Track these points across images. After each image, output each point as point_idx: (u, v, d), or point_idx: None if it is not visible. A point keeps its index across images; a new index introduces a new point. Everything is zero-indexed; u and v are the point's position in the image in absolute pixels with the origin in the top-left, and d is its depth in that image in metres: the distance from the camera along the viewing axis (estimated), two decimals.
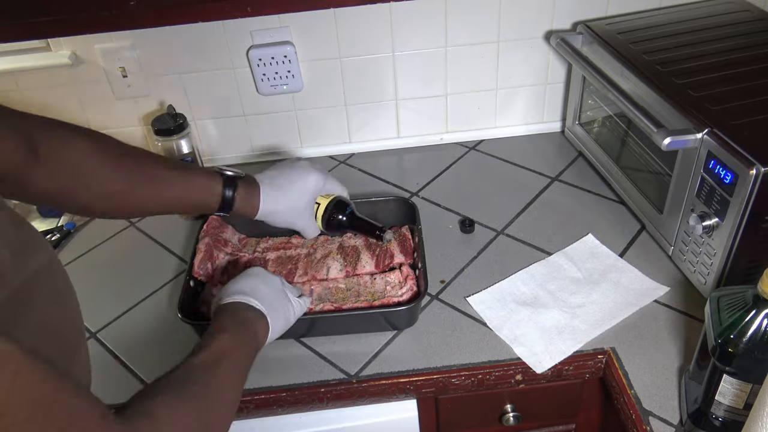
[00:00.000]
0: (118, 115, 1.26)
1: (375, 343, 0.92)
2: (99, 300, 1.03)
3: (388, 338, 0.93)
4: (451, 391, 0.90)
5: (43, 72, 1.19)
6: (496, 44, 1.23)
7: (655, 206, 1.01)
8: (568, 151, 1.29)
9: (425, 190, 1.23)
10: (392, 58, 1.23)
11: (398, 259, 0.99)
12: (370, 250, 1.02)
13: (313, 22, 1.17)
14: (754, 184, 0.77)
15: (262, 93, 1.25)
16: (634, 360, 0.85)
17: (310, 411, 0.90)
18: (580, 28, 1.17)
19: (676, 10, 1.16)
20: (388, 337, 0.93)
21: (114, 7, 0.92)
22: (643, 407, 0.80)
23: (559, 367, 0.87)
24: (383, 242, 0.97)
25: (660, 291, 0.95)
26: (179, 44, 1.18)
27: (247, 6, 0.95)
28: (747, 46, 1.01)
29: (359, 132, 1.33)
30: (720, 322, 0.66)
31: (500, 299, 0.96)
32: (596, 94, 1.18)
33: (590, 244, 1.05)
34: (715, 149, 0.82)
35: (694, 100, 0.90)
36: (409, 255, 1.00)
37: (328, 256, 1.02)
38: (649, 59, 1.01)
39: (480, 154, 1.31)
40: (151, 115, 1.26)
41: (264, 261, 1.02)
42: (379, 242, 1.01)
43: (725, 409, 0.69)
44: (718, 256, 0.85)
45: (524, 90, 1.30)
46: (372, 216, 1.07)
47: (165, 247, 1.14)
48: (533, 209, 1.15)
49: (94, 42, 1.16)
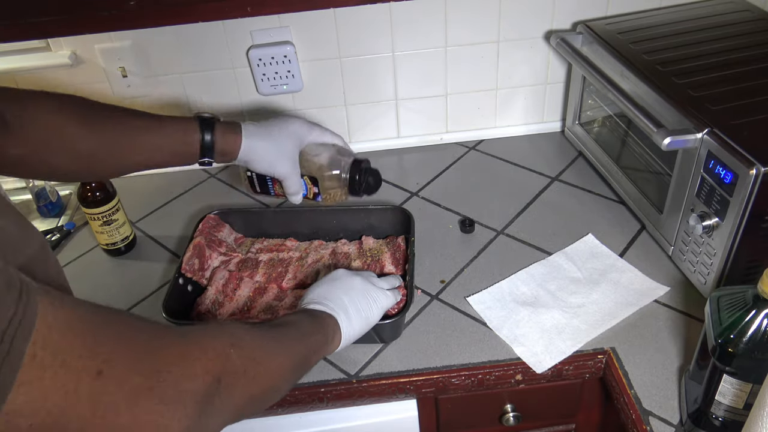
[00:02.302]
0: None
1: (374, 343, 0.92)
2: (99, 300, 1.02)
3: None
4: (451, 391, 0.90)
5: (43, 72, 1.19)
6: (496, 44, 1.23)
7: (655, 206, 1.01)
8: (568, 151, 1.29)
9: (425, 190, 1.23)
10: (392, 58, 1.23)
11: (389, 270, 0.99)
12: (362, 258, 1.02)
13: (313, 22, 1.17)
14: (754, 184, 0.77)
15: (262, 93, 1.25)
16: (634, 360, 0.85)
17: (310, 411, 0.90)
18: (580, 28, 1.17)
19: (676, 10, 1.16)
20: None
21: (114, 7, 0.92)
22: (643, 407, 0.80)
23: (559, 367, 0.87)
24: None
25: (660, 291, 0.95)
26: (179, 44, 1.18)
27: (247, 6, 0.95)
28: (747, 46, 1.01)
29: (359, 132, 1.33)
30: (720, 322, 0.66)
31: (500, 299, 0.96)
32: (596, 94, 1.18)
33: (590, 244, 1.05)
34: (715, 149, 0.82)
35: (694, 100, 0.90)
36: (400, 267, 1.00)
37: (319, 261, 1.02)
38: (649, 59, 1.01)
39: (480, 154, 1.31)
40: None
41: (256, 262, 1.02)
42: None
43: (725, 409, 0.69)
44: (718, 256, 0.85)
45: (524, 90, 1.30)
46: (368, 225, 1.08)
47: (165, 247, 1.14)
48: (533, 209, 1.15)
49: (94, 42, 1.16)
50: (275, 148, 0.90)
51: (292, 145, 0.92)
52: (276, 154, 0.90)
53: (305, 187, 0.96)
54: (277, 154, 0.90)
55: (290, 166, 0.92)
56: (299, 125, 0.93)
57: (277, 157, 0.90)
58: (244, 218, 1.10)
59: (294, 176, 0.93)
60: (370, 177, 0.98)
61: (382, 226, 1.08)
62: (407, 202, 1.19)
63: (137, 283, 1.06)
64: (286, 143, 0.91)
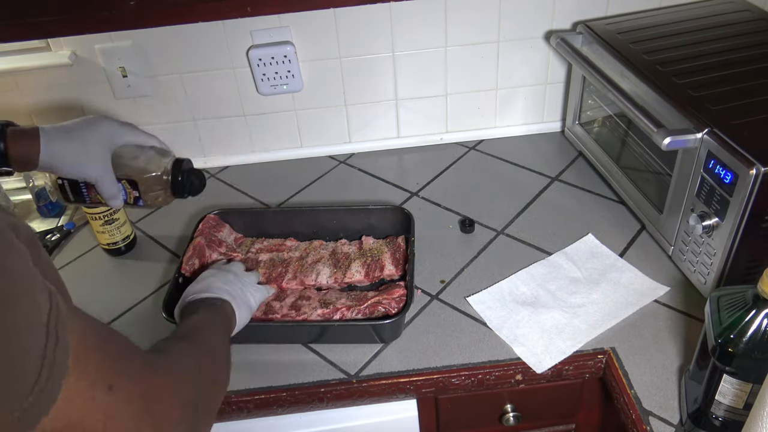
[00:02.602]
0: (118, 115, 1.26)
1: (375, 343, 0.92)
2: (99, 300, 1.03)
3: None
4: (451, 391, 0.90)
5: (43, 72, 1.19)
6: (496, 44, 1.23)
7: (655, 206, 1.01)
8: (568, 151, 1.29)
9: (425, 190, 1.23)
10: (392, 58, 1.23)
11: (388, 270, 0.99)
12: (362, 258, 1.02)
13: (313, 22, 1.17)
14: (754, 184, 0.77)
15: (262, 93, 1.25)
16: (634, 360, 0.85)
17: (310, 411, 0.90)
18: (580, 28, 1.17)
19: (676, 10, 1.16)
20: None
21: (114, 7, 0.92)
22: (643, 407, 0.80)
23: (559, 367, 0.87)
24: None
25: (660, 291, 0.95)
26: (179, 44, 1.18)
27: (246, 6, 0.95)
28: (747, 46, 1.01)
29: (359, 132, 1.33)
30: (720, 322, 0.66)
31: (500, 299, 0.96)
32: (596, 94, 1.18)
33: (590, 244, 1.05)
34: (715, 149, 0.82)
35: (694, 100, 0.90)
36: (399, 267, 1.00)
37: (318, 261, 1.02)
38: (649, 59, 1.01)
39: (480, 154, 1.31)
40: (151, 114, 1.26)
41: (256, 262, 1.02)
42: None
43: (725, 409, 0.69)
44: (718, 256, 0.85)
45: (524, 90, 1.30)
46: (367, 225, 1.08)
47: (165, 247, 1.14)
48: (533, 209, 1.15)
49: (94, 42, 1.16)
50: (81, 150, 0.82)
51: (100, 146, 0.84)
52: (82, 156, 0.82)
53: (124, 192, 0.88)
54: (84, 156, 0.82)
55: (101, 167, 0.84)
56: (107, 125, 0.86)
57: (84, 159, 0.83)
58: (244, 218, 1.10)
59: (107, 178, 0.85)
60: (194, 177, 0.92)
61: (382, 226, 1.08)
62: (407, 202, 1.19)
63: (137, 283, 1.06)
64: (93, 144, 0.83)
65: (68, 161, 0.82)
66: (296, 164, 1.33)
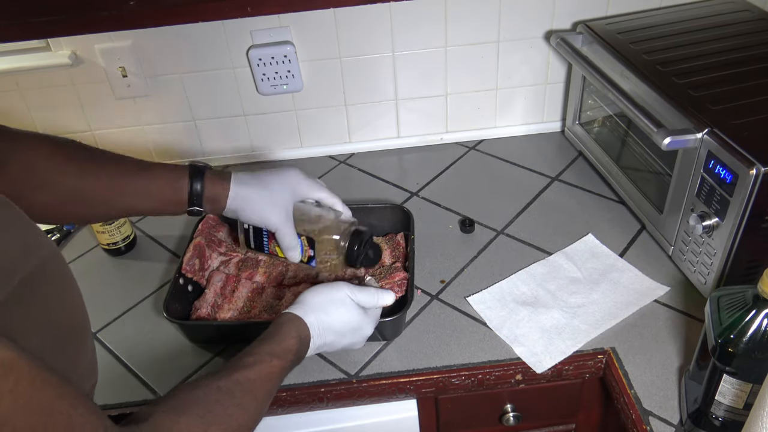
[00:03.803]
0: (118, 115, 1.26)
1: (375, 342, 0.92)
2: (99, 300, 1.03)
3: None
4: (451, 391, 0.90)
5: (43, 72, 1.19)
6: (496, 44, 1.23)
7: (655, 206, 1.01)
8: (568, 151, 1.29)
9: (425, 190, 1.23)
10: (392, 58, 1.23)
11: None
12: None
13: (313, 22, 1.17)
14: (754, 184, 0.77)
15: (262, 93, 1.25)
16: (634, 360, 0.85)
17: (310, 411, 0.90)
18: (580, 28, 1.17)
19: (676, 10, 1.16)
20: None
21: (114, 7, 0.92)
22: (643, 407, 0.80)
23: (559, 367, 0.87)
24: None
25: (660, 291, 0.95)
26: (179, 44, 1.18)
27: (247, 6, 0.95)
28: (747, 46, 1.01)
29: (359, 132, 1.33)
30: (720, 322, 0.66)
31: (500, 299, 0.96)
32: (596, 94, 1.18)
33: (590, 243, 1.05)
34: (715, 149, 0.82)
35: (694, 100, 0.90)
36: (399, 264, 0.99)
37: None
38: (649, 59, 1.01)
39: (480, 154, 1.31)
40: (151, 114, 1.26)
41: (256, 262, 1.02)
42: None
43: (725, 409, 0.69)
44: (718, 256, 0.85)
45: (524, 90, 1.30)
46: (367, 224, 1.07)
47: (165, 247, 1.14)
48: (533, 209, 1.15)
49: (94, 42, 1.16)
50: (266, 197, 0.85)
51: (285, 195, 0.86)
52: (267, 202, 0.85)
53: (301, 247, 0.89)
54: (269, 202, 0.85)
55: (283, 216, 0.86)
56: (294, 175, 0.88)
57: (269, 205, 0.85)
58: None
59: (287, 229, 0.87)
60: (370, 249, 0.92)
61: (382, 225, 1.07)
62: (407, 202, 1.19)
63: (137, 283, 1.06)
64: (279, 192, 0.86)
65: (253, 206, 0.84)
66: (296, 164, 1.33)
